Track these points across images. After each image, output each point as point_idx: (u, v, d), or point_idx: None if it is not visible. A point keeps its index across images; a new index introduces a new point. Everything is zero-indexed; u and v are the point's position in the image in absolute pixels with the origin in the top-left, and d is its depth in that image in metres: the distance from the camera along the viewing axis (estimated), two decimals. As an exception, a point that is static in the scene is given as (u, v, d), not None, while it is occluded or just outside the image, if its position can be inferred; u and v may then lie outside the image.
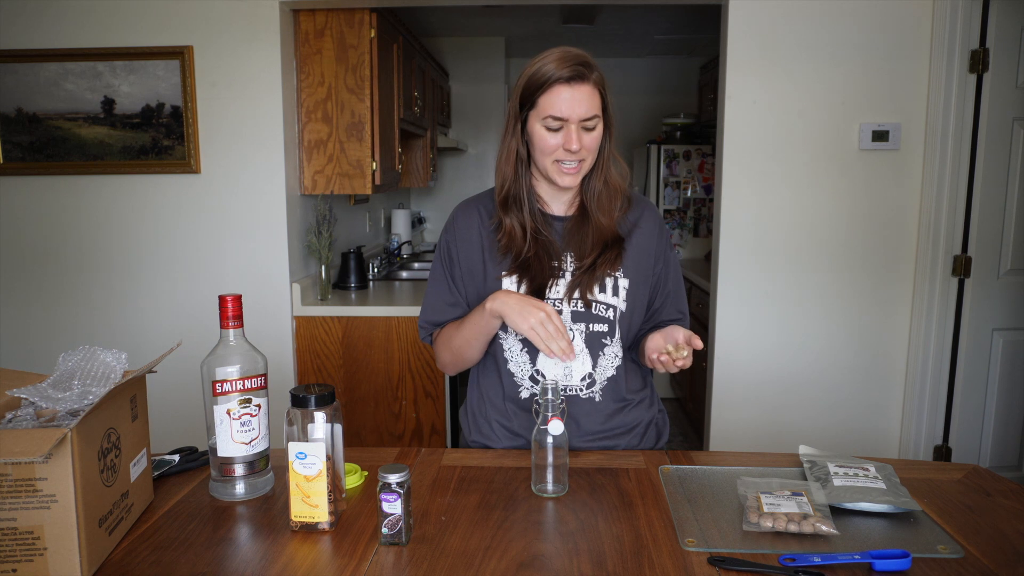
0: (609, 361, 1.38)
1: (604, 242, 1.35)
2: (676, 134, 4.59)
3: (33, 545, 0.91)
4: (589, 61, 1.27)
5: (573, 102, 1.25)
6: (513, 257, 1.35)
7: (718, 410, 2.76)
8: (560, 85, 1.24)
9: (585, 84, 1.25)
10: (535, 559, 0.99)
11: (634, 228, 1.40)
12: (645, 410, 1.46)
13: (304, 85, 2.78)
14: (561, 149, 1.27)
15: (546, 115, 1.26)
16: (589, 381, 1.38)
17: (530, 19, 4.32)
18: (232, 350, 1.14)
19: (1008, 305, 2.69)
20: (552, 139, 1.27)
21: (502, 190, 1.35)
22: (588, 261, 1.34)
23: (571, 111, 1.25)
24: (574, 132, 1.26)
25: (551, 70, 1.24)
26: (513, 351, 1.38)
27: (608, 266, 1.34)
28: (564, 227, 1.38)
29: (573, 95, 1.25)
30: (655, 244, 1.41)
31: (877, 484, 1.15)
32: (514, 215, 1.35)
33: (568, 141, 1.26)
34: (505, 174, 1.35)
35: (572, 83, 1.24)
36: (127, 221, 2.72)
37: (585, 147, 1.28)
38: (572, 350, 1.24)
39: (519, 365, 1.38)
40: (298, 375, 2.81)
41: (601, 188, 1.35)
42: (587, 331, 1.36)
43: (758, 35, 2.58)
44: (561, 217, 1.39)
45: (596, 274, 1.34)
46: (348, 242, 3.50)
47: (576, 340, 1.36)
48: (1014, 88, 2.56)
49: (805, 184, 2.64)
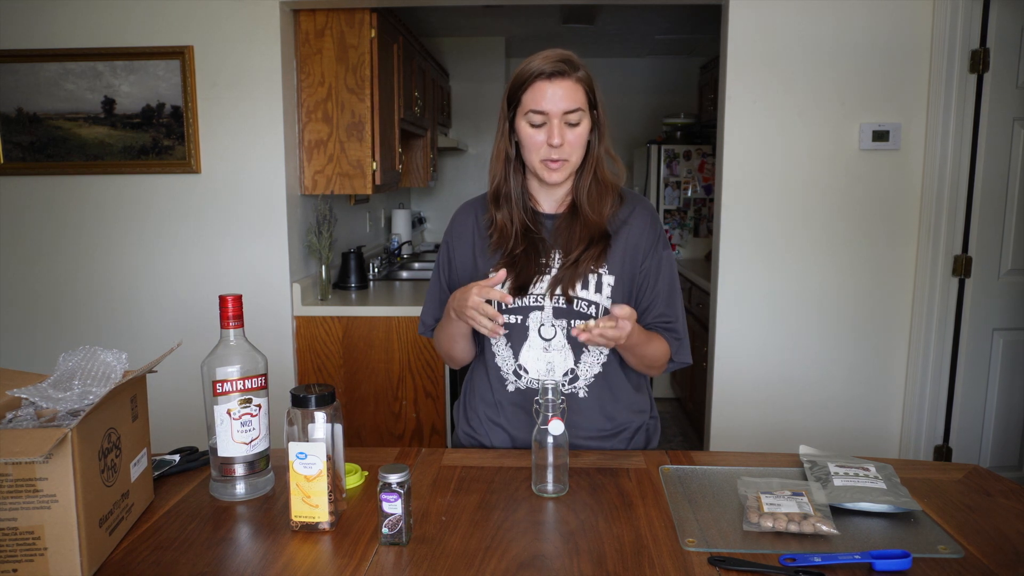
0: (594, 358, 1.38)
1: (590, 237, 1.35)
2: (676, 134, 4.59)
3: (33, 545, 0.91)
4: (572, 59, 1.29)
5: (554, 96, 1.27)
6: (503, 253, 1.37)
7: (718, 410, 2.76)
8: (540, 80, 1.28)
9: (566, 79, 1.28)
10: (535, 559, 0.99)
11: (623, 225, 1.40)
12: (635, 414, 1.45)
13: (304, 85, 2.78)
14: (546, 146, 1.30)
15: (528, 110, 1.29)
16: (571, 377, 1.38)
17: (530, 19, 4.32)
18: (232, 350, 1.14)
19: (1008, 305, 2.69)
20: (537, 135, 1.30)
21: (492, 188, 1.39)
22: (572, 256, 1.35)
23: (551, 104, 1.27)
24: (556, 126, 1.28)
25: (533, 67, 1.28)
26: (499, 346, 1.40)
27: (592, 262, 1.35)
28: (554, 224, 1.40)
29: (553, 89, 1.27)
30: (645, 240, 1.39)
31: (877, 484, 1.15)
32: (504, 212, 1.38)
33: (550, 135, 1.28)
34: (495, 173, 1.38)
35: (552, 78, 1.27)
36: (127, 221, 2.72)
37: (568, 142, 1.30)
38: (498, 328, 1.26)
39: (504, 359, 1.40)
40: (298, 375, 2.81)
41: (591, 185, 1.36)
42: (569, 327, 1.36)
43: (758, 35, 2.58)
44: (552, 215, 1.41)
45: (579, 269, 1.34)
46: (348, 242, 3.50)
47: (558, 336, 1.36)
48: (1014, 88, 2.56)
49: (805, 184, 2.64)
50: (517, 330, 1.37)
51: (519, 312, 1.37)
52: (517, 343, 1.38)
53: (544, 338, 1.37)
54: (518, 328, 1.37)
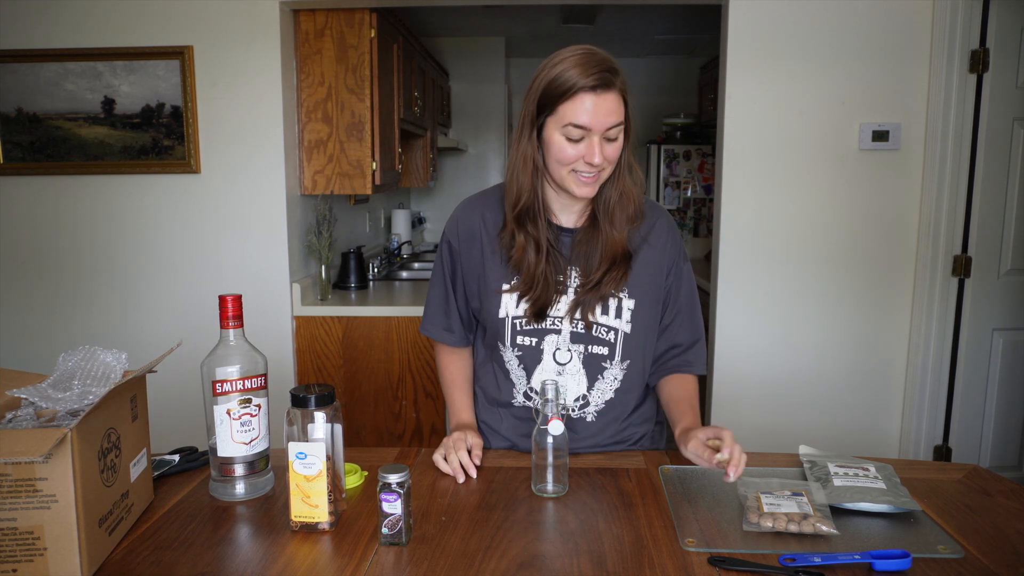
0: (608, 384, 1.34)
1: (613, 257, 1.27)
2: (676, 134, 4.59)
3: (33, 545, 0.91)
4: (614, 66, 1.17)
5: (599, 112, 1.15)
6: (522, 275, 1.28)
7: (718, 410, 2.76)
8: (585, 93, 1.15)
9: (611, 92, 1.16)
10: (535, 559, 0.99)
11: (643, 243, 1.32)
12: (640, 426, 1.43)
13: (304, 85, 2.78)
14: (581, 161, 1.19)
15: (567, 123, 1.17)
16: (583, 402, 1.35)
17: (530, 19, 4.32)
18: (232, 350, 1.13)
19: (1008, 305, 2.69)
20: (572, 149, 1.18)
21: (517, 203, 1.25)
22: (594, 278, 1.26)
23: (596, 122, 1.16)
24: (596, 144, 1.17)
25: (575, 76, 1.14)
26: (511, 364, 1.36)
27: (614, 284, 1.27)
28: (572, 240, 1.30)
29: (599, 104, 1.15)
30: (667, 257, 1.33)
31: (877, 484, 1.15)
32: (529, 231, 1.26)
33: (591, 154, 1.17)
34: (522, 184, 1.25)
35: (598, 91, 1.15)
36: (127, 221, 2.72)
37: (607, 158, 1.19)
38: (464, 471, 1.25)
39: (517, 377, 1.37)
40: (298, 375, 2.81)
41: (615, 199, 1.26)
42: (585, 352, 1.32)
43: (758, 35, 2.57)
44: (570, 229, 1.31)
45: (601, 292, 1.27)
46: (348, 242, 3.50)
47: (573, 360, 1.32)
48: (1014, 88, 2.56)
49: (805, 184, 2.64)
50: (531, 352, 1.32)
51: (534, 335, 1.31)
52: (530, 365, 1.33)
53: (559, 362, 1.32)
54: (532, 351, 1.32)
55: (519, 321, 1.32)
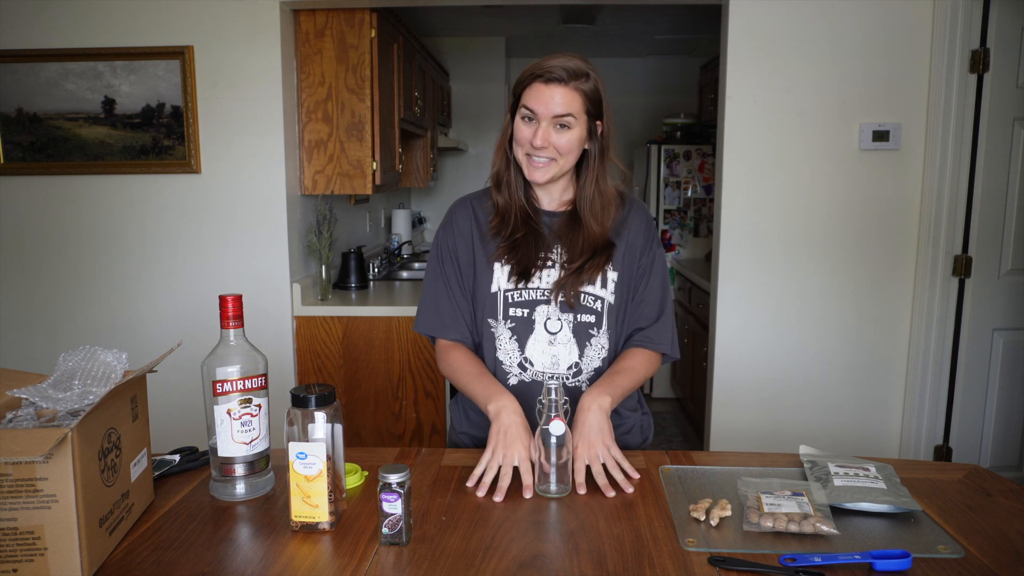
0: (596, 352, 1.41)
1: (594, 248, 1.38)
2: (676, 134, 4.58)
3: (33, 545, 0.91)
4: (579, 69, 1.30)
5: (545, 99, 1.29)
6: (503, 237, 1.39)
7: (718, 410, 2.76)
8: (537, 82, 1.30)
9: (562, 86, 1.29)
10: (535, 559, 0.99)
11: (622, 224, 1.43)
12: (630, 412, 1.49)
13: (304, 85, 2.78)
14: (529, 143, 1.32)
15: (522, 105, 1.32)
16: (575, 370, 1.40)
17: (530, 19, 4.32)
18: (232, 350, 1.14)
19: (1008, 305, 2.68)
20: (524, 130, 1.32)
21: (493, 172, 1.42)
22: (576, 264, 1.37)
23: (542, 106, 1.29)
24: (542, 128, 1.30)
25: (534, 69, 1.31)
26: (503, 339, 1.40)
27: (596, 270, 1.38)
28: (554, 222, 1.41)
29: (546, 93, 1.29)
30: (642, 238, 1.44)
31: (877, 484, 1.15)
32: (505, 195, 1.40)
33: (534, 136, 1.31)
34: (496, 159, 1.41)
35: (549, 83, 1.29)
36: (127, 221, 2.72)
37: (555, 146, 1.31)
38: (495, 493, 1.18)
39: (508, 353, 1.40)
40: (298, 375, 2.81)
41: (594, 195, 1.38)
42: (575, 321, 1.39)
43: (758, 35, 2.57)
44: (551, 212, 1.43)
45: (582, 277, 1.37)
46: (348, 242, 3.50)
47: (564, 330, 1.38)
48: (1014, 88, 2.56)
49: (805, 184, 2.64)
50: (523, 323, 1.39)
51: (525, 306, 1.39)
52: (523, 336, 1.39)
53: (550, 331, 1.39)
54: (524, 321, 1.39)
55: (511, 294, 1.39)
